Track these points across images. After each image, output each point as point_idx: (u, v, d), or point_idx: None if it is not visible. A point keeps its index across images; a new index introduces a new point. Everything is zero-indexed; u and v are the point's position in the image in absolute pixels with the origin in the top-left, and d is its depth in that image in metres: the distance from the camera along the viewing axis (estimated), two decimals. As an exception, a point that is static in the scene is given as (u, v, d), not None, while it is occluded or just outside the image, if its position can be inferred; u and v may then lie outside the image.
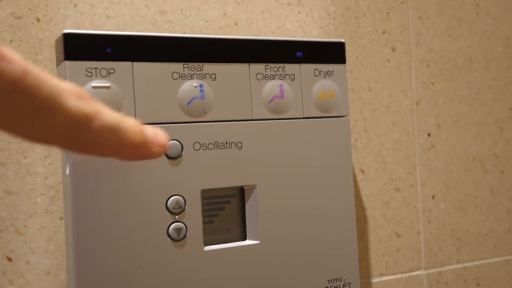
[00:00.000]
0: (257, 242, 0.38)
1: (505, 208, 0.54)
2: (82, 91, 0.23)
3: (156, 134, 0.26)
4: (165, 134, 0.27)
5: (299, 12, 0.45)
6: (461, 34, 0.53)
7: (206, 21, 0.42)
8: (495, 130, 0.54)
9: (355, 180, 0.47)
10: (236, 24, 0.43)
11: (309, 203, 0.40)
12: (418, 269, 0.49)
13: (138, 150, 0.25)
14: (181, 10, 0.41)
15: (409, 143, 0.49)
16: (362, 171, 0.47)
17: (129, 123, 0.25)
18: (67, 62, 0.33)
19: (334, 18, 0.47)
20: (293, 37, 0.45)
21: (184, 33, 0.41)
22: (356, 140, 0.47)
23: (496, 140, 0.54)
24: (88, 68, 0.33)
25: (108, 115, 0.23)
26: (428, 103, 0.51)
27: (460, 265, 0.51)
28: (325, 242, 0.40)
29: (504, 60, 0.55)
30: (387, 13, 0.49)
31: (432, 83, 0.51)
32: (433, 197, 0.50)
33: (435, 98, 0.51)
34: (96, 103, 0.23)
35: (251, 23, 0.44)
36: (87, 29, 0.38)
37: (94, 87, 0.33)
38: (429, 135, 0.50)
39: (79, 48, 0.33)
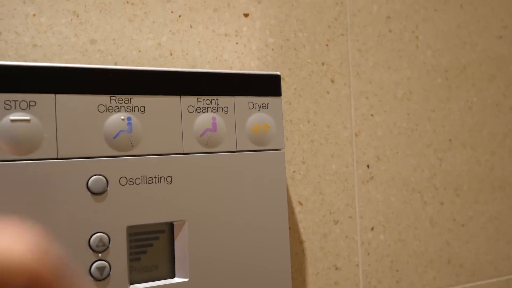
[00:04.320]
0: (187, 279, 0.37)
1: (445, 239, 0.54)
2: None
3: None
4: None
5: (236, 43, 0.45)
6: (400, 66, 0.53)
7: (139, 51, 0.41)
8: (434, 161, 0.55)
9: (293, 212, 0.46)
10: (171, 55, 0.42)
11: (241, 238, 0.39)
12: (356, 302, 0.49)
13: None
14: (113, 39, 0.40)
15: (348, 174, 0.49)
16: (300, 203, 0.47)
17: None
18: (-17, 94, 0.31)
19: (272, 49, 0.47)
20: (231, 68, 0.45)
21: (116, 63, 0.40)
22: (294, 172, 0.47)
23: (435, 171, 0.54)
24: (7, 100, 0.32)
25: None
26: (367, 134, 0.51)
27: (399, 297, 0.51)
28: (257, 279, 0.39)
29: (444, 92, 0.56)
30: (327, 44, 0.49)
31: (372, 115, 0.51)
32: (372, 229, 0.50)
33: (375, 129, 0.51)
34: None
35: (187, 54, 0.43)
36: (12, 59, 0.37)
37: (13, 121, 0.32)
38: (368, 166, 0.50)
39: (-4, 79, 0.32)
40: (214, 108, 0.39)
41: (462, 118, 0.57)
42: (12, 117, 0.32)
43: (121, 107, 0.35)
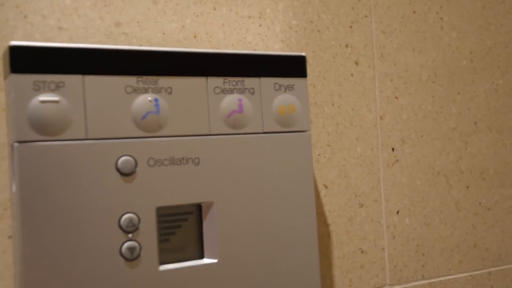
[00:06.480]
0: (215, 261, 0.37)
1: (470, 223, 0.54)
2: None
3: None
4: None
5: (260, 25, 0.45)
6: (425, 48, 0.53)
7: (163, 34, 0.41)
8: (460, 144, 0.54)
9: (318, 195, 0.46)
10: (195, 37, 0.42)
11: (268, 220, 0.39)
12: (382, 286, 0.48)
13: None
14: (138, 22, 0.40)
15: (373, 157, 0.49)
16: (326, 187, 0.46)
17: None
18: (12, 75, 0.31)
19: (296, 31, 0.46)
20: (254, 50, 0.44)
21: (140, 45, 0.40)
22: (319, 155, 0.46)
23: (461, 154, 0.54)
24: (36, 81, 0.32)
25: None
26: (392, 117, 0.50)
27: (425, 281, 0.51)
28: (285, 260, 0.39)
29: (469, 74, 0.55)
30: (350, 26, 0.49)
31: (396, 97, 0.51)
32: (398, 212, 0.50)
33: (399, 112, 0.51)
34: None
35: (211, 36, 0.43)
36: (37, 41, 0.37)
37: (42, 102, 0.32)
38: (393, 149, 0.50)
39: (26, 60, 0.32)
40: (240, 89, 0.38)
41: (487, 101, 0.56)
42: (41, 98, 0.32)
43: (148, 88, 0.35)
